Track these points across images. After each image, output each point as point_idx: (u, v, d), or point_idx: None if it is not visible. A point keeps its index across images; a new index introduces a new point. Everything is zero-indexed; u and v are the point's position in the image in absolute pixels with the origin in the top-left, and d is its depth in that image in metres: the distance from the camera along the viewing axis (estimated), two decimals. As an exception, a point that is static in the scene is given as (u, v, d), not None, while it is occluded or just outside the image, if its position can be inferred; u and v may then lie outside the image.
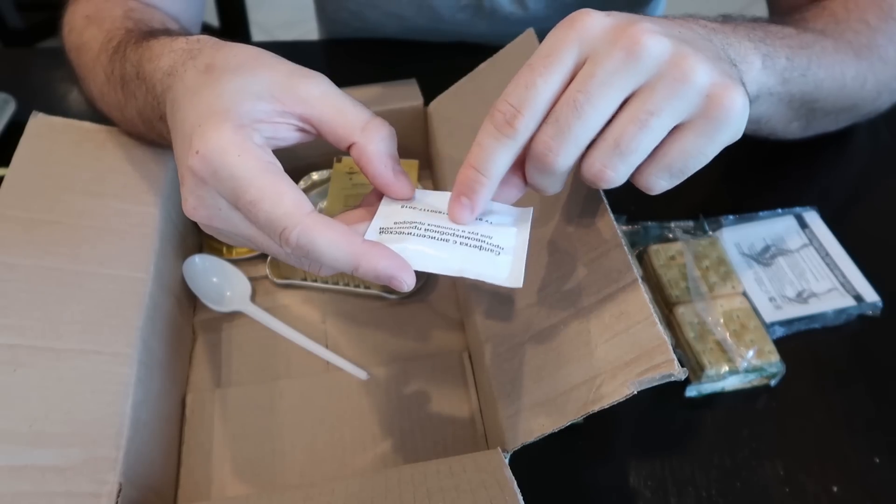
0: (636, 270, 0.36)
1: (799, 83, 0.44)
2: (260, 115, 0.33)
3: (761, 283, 0.54)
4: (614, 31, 0.31)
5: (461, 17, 0.76)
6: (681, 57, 0.30)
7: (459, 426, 0.47)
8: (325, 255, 0.31)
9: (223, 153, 0.31)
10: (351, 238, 0.31)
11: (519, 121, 0.31)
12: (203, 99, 0.33)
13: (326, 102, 0.34)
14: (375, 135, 0.34)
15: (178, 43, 0.39)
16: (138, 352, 0.42)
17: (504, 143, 0.32)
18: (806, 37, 0.45)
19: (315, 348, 0.51)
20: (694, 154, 0.32)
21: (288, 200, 0.31)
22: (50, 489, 0.36)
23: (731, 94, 0.31)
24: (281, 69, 0.34)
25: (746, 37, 0.39)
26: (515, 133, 0.31)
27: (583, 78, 0.31)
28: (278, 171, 0.32)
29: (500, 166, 0.33)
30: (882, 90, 0.53)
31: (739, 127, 0.32)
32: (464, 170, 0.33)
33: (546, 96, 0.31)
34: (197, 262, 0.53)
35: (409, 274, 0.32)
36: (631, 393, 0.33)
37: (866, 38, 0.50)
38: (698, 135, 0.32)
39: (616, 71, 0.30)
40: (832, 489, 0.45)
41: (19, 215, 0.45)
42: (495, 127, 0.32)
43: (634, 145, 0.31)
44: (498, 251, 0.34)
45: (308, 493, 0.36)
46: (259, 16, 1.69)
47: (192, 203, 0.33)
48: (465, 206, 0.33)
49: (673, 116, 0.31)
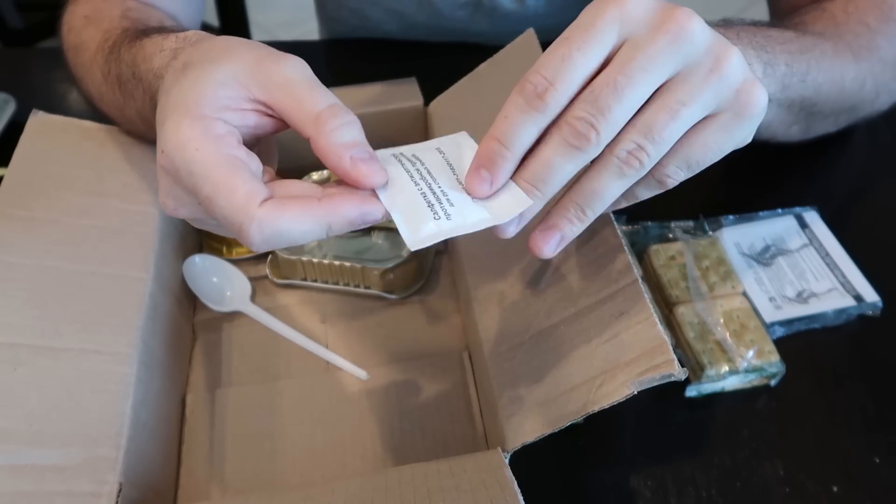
0: (636, 270, 0.36)
1: (798, 89, 0.44)
2: (224, 102, 0.31)
3: (761, 283, 0.54)
4: (659, 14, 0.30)
5: (461, 14, 0.76)
6: (721, 48, 0.30)
7: (459, 426, 0.47)
8: (293, 234, 0.29)
9: (182, 149, 0.30)
10: (308, 206, 0.30)
11: (551, 94, 0.30)
12: (171, 96, 0.32)
13: (285, 91, 0.32)
14: (326, 125, 0.31)
15: (169, 42, 0.38)
16: (138, 352, 0.42)
17: (532, 117, 0.30)
18: (805, 41, 0.45)
19: (315, 348, 0.51)
20: (714, 148, 0.32)
21: (239, 195, 0.29)
22: (50, 489, 0.36)
23: (758, 91, 0.31)
24: (250, 56, 0.32)
25: (749, 44, 0.39)
26: (546, 107, 0.30)
27: (625, 60, 0.30)
28: (237, 164, 0.30)
29: (525, 141, 0.31)
30: (881, 91, 0.53)
31: (756, 125, 0.32)
32: (486, 142, 0.31)
33: (582, 71, 0.30)
34: (197, 262, 0.53)
35: (375, 203, 0.31)
36: (631, 393, 0.33)
37: (865, 39, 0.50)
38: (720, 129, 0.31)
39: (659, 56, 0.29)
40: (832, 489, 0.45)
41: (19, 214, 0.45)
42: (525, 99, 0.30)
43: (666, 134, 0.30)
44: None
45: (308, 493, 0.36)
46: (259, 16, 1.69)
47: (170, 204, 0.32)
48: (484, 179, 0.31)
49: (704, 107, 0.31)
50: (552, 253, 0.33)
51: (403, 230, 0.31)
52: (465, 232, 0.31)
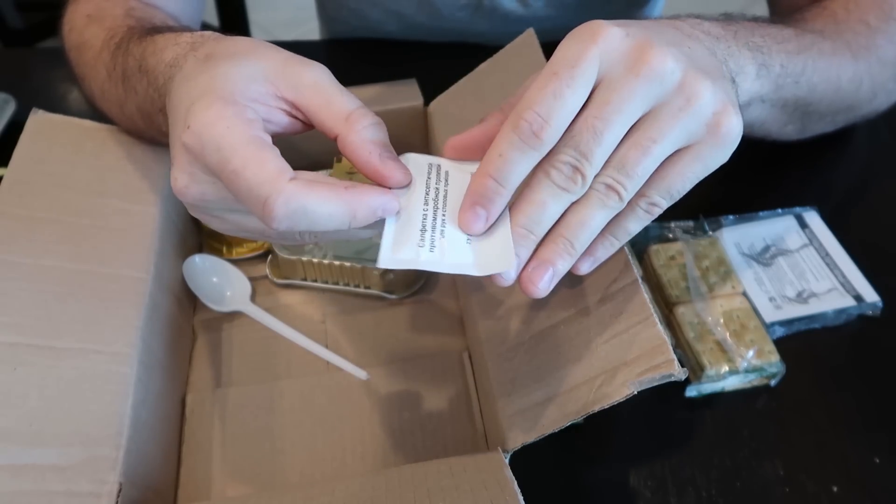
0: (636, 270, 0.36)
1: (791, 89, 0.44)
2: (254, 95, 0.33)
3: (761, 283, 0.54)
4: (632, 52, 0.31)
5: (461, 14, 0.76)
6: (689, 83, 0.31)
7: (459, 426, 0.47)
8: (318, 215, 0.30)
9: (212, 126, 0.31)
10: (337, 190, 0.31)
11: (547, 132, 0.30)
12: (199, 83, 0.33)
13: (315, 92, 0.34)
14: (357, 123, 0.33)
15: (184, 37, 0.39)
16: (138, 351, 0.42)
17: (528, 154, 0.31)
18: (803, 40, 0.45)
19: (315, 348, 0.51)
20: (689, 177, 0.33)
21: (270, 167, 0.30)
22: (50, 488, 0.36)
23: (730, 119, 0.32)
24: (278, 56, 0.34)
25: (746, 45, 0.39)
26: (541, 145, 0.31)
27: (601, 104, 0.31)
28: (265, 144, 0.31)
29: (519, 177, 0.32)
30: (878, 91, 0.53)
31: (731, 150, 0.33)
32: (480, 179, 0.32)
33: (571, 109, 0.31)
34: (197, 262, 0.53)
35: (393, 196, 0.32)
36: (631, 393, 0.33)
37: (865, 38, 0.50)
38: (694, 159, 0.32)
39: (631, 98, 0.31)
40: (832, 489, 0.45)
41: (19, 213, 0.45)
42: (520, 137, 0.31)
43: (639, 170, 0.32)
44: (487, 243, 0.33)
45: (308, 493, 0.36)
46: (259, 16, 1.69)
47: (182, 181, 0.32)
48: (479, 216, 0.32)
49: (675, 143, 0.32)
50: (546, 290, 0.33)
51: (385, 243, 0.32)
52: (438, 270, 0.32)
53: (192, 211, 0.35)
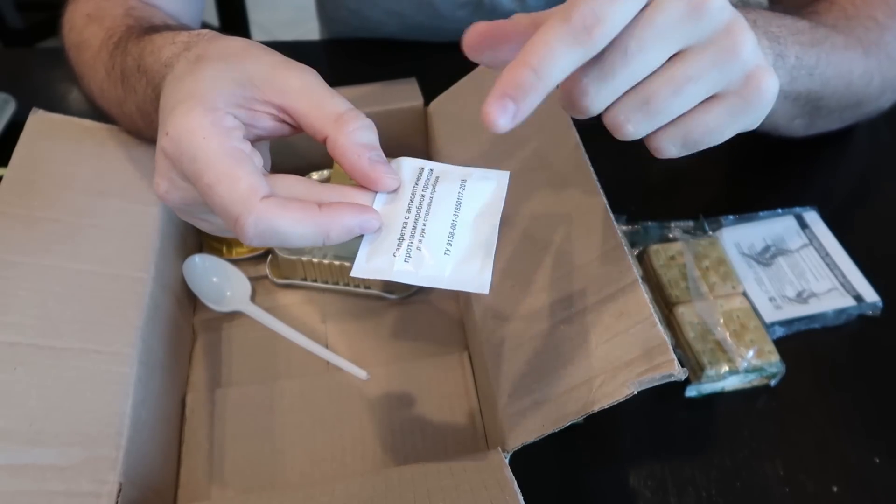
0: (636, 270, 0.36)
1: (805, 81, 0.44)
2: (237, 100, 0.32)
3: (761, 283, 0.54)
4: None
5: (461, 14, 0.76)
6: (738, 28, 0.30)
7: (459, 426, 0.47)
8: (289, 235, 0.30)
9: (189, 134, 0.30)
10: (310, 211, 0.30)
11: (599, 31, 0.28)
12: (184, 85, 0.33)
13: (304, 94, 0.33)
14: (347, 126, 0.32)
15: (181, 36, 0.39)
16: (138, 351, 0.42)
17: (575, 51, 0.28)
18: (818, 33, 0.45)
19: (315, 348, 0.51)
20: (714, 129, 0.31)
21: (243, 185, 0.29)
22: (50, 488, 0.36)
23: (769, 78, 0.30)
24: (266, 60, 0.34)
25: (764, 33, 0.38)
26: (593, 43, 0.28)
27: (643, 24, 0.29)
28: (241, 156, 0.30)
29: (559, 74, 0.28)
30: (886, 88, 0.53)
31: (763, 113, 0.31)
32: (517, 67, 0.28)
33: (626, 14, 0.28)
34: (197, 262, 0.53)
35: (374, 214, 0.32)
36: (631, 393, 0.33)
37: (875, 34, 0.50)
38: (725, 111, 0.31)
39: (675, 24, 0.29)
40: (832, 489, 0.45)
41: (19, 213, 0.45)
42: (572, 30, 0.28)
43: (664, 107, 0.30)
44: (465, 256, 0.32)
45: (308, 493, 0.36)
46: (259, 16, 1.69)
47: (163, 186, 0.32)
48: (507, 109, 0.28)
49: (710, 87, 0.30)
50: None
51: (361, 251, 0.32)
52: (411, 282, 0.32)
53: (178, 213, 0.35)
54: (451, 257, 0.32)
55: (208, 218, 0.34)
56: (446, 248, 0.32)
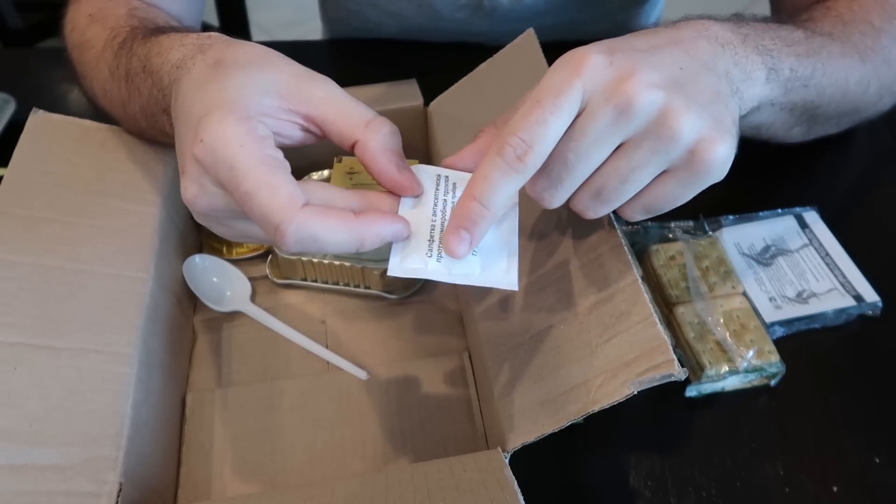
0: (636, 270, 0.36)
1: (801, 92, 0.44)
2: (266, 110, 0.33)
3: (761, 283, 0.54)
4: (612, 83, 0.31)
5: (461, 15, 0.76)
6: (669, 114, 0.31)
7: (459, 426, 0.47)
8: (328, 242, 0.31)
9: (225, 142, 0.31)
10: (347, 219, 0.32)
11: (530, 157, 0.31)
12: (210, 91, 0.33)
13: (330, 103, 0.34)
14: (378, 132, 0.34)
15: (190, 38, 0.39)
16: (138, 351, 0.42)
17: (512, 178, 0.32)
18: (814, 42, 0.45)
19: (315, 348, 0.51)
20: (670, 199, 0.34)
21: (283, 194, 0.30)
22: (50, 488, 0.36)
23: (715, 147, 0.32)
24: (288, 69, 0.35)
25: (755, 48, 0.38)
26: (525, 169, 0.32)
27: (577, 135, 0.32)
28: (277, 165, 0.32)
29: (504, 200, 0.33)
30: (884, 93, 0.53)
31: (721, 173, 0.33)
32: (465, 202, 0.33)
33: (554, 135, 0.32)
34: (197, 262, 0.53)
35: (405, 224, 0.33)
36: (631, 393, 0.33)
37: (871, 39, 0.50)
38: (677, 184, 0.33)
39: (607, 129, 0.32)
40: (832, 489, 0.45)
41: (19, 213, 0.45)
42: (505, 161, 0.32)
43: (615, 195, 0.34)
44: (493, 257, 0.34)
45: (308, 493, 0.36)
46: (259, 16, 1.69)
47: (192, 191, 0.33)
48: (464, 240, 0.33)
49: (654, 170, 0.33)
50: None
51: (394, 252, 0.33)
52: (444, 280, 0.33)
53: (199, 218, 0.35)
54: (479, 257, 0.34)
55: (232, 224, 0.35)
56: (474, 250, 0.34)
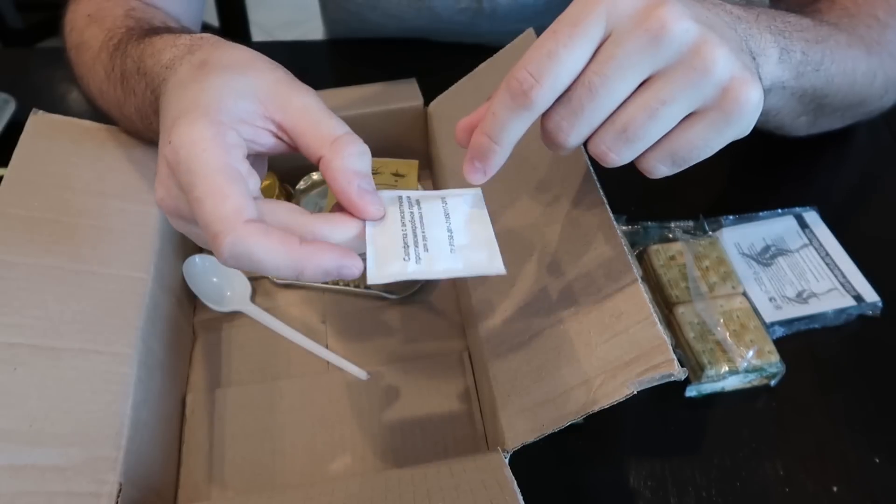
0: (636, 270, 0.36)
1: (811, 78, 0.43)
2: (242, 115, 0.32)
3: (761, 283, 0.54)
4: (643, 10, 0.29)
5: (461, 18, 0.76)
6: (704, 45, 0.29)
7: (459, 426, 0.47)
8: (264, 264, 0.29)
9: (190, 145, 0.30)
10: (290, 244, 0.29)
11: (536, 92, 0.30)
12: (189, 92, 0.33)
13: (304, 114, 0.33)
14: (343, 150, 0.32)
15: (182, 39, 0.39)
16: (138, 352, 0.42)
17: (518, 115, 0.31)
18: (822, 30, 0.45)
19: (315, 348, 0.51)
20: (700, 145, 0.32)
21: (229, 205, 0.29)
22: (50, 489, 0.36)
23: (748, 88, 0.30)
24: (270, 75, 0.34)
25: (767, 28, 0.38)
26: (531, 105, 0.30)
27: (603, 58, 0.30)
28: (235, 175, 0.30)
29: (513, 136, 0.32)
30: (889, 87, 0.53)
31: (750, 122, 0.31)
32: (477, 135, 0.32)
33: (568, 68, 0.30)
34: (197, 262, 0.53)
35: (355, 259, 0.31)
36: (631, 393, 0.33)
37: (877, 33, 0.50)
38: (707, 127, 0.31)
39: (637, 54, 0.29)
40: (832, 489, 0.45)
41: (19, 213, 0.45)
42: (511, 96, 0.30)
43: (642, 133, 0.31)
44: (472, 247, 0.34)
45: (308, 493, 0.36)
46: (259, 16, 1.69)
47: (160, 193, 0.33)
48: (477, 169, 0.33)
49: (685, 106, 0.31)
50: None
51: (370, 264, 0.32)
52: (429, 277, 0.32)
53: (170, 221, 0.34)
54: (458, 253, 0.33)
55: (196, 230, 0.34)
56: (450, 248, 0.33)
